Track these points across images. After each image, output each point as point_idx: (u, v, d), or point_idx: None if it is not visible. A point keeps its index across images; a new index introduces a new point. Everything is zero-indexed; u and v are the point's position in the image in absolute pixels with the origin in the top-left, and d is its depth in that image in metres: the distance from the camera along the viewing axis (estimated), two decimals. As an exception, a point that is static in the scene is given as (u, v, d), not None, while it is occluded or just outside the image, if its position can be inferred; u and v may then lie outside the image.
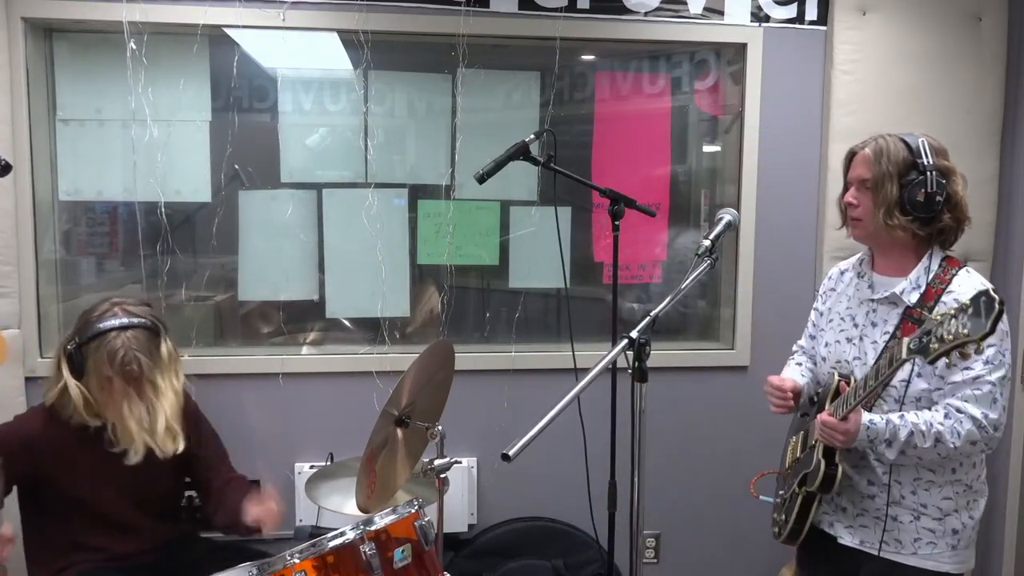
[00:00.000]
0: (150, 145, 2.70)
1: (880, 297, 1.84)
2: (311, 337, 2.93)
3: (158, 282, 2.75)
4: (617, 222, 2.25)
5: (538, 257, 2.92)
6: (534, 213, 2.92)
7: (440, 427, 1.97)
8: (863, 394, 1.68)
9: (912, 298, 1.78)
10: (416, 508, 1.88)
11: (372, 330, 2.89)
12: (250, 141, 2.79)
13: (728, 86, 3.00)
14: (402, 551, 1.79)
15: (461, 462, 2.73)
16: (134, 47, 2.64)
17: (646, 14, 2.81)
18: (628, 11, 2.80)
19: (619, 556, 2.30)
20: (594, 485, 2.41)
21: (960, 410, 1.70)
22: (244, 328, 2.91)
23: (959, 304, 1.45)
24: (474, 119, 2.85)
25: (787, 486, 1.97)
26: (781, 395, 1.94)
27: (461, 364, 2.28)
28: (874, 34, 2.83)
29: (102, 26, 2.62)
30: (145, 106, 2.68)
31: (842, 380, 1.85)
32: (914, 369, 1.74)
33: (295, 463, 2.80)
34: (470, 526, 2.88)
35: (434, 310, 2.94)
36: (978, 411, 1.69)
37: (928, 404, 1.77)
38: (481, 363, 2.85)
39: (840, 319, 1.95)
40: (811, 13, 2.88)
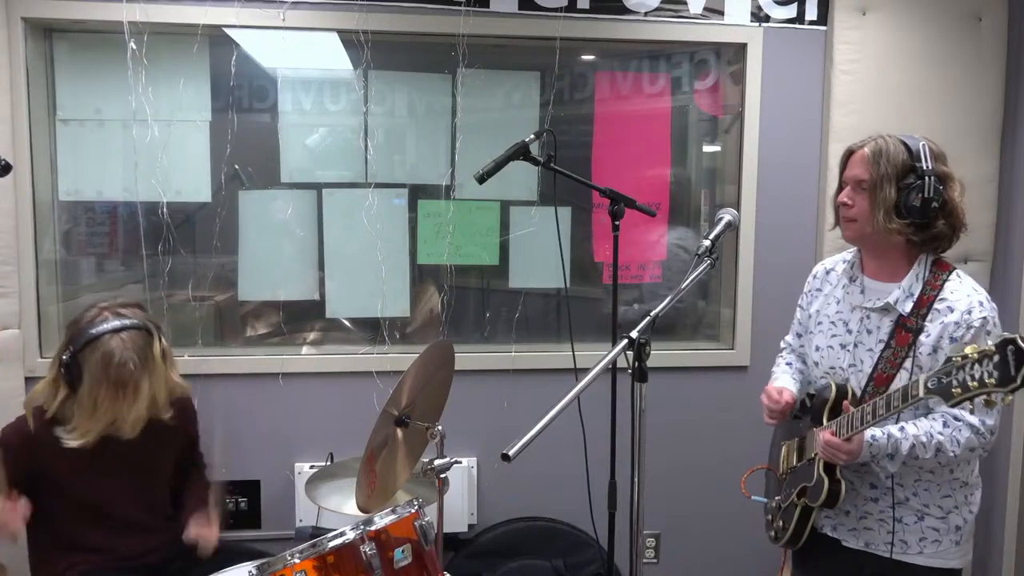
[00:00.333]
0: (150, 145, 2.70)
1: (874, 307, 1.84)
2: (311, 337, 2.93)
3: (158, 282, 2.75)
4: (617, 222, 2.25)
5: (538, 257, 2.92)
6: (534, 213, 2.92)
7: (440, 427, 1.97)
8: (871, 420, 1.66)
9: (906, 307, 1.78)
10: (416, 508, 1.87)
11: (372, 330, 2.89)
12: (250, 141, 2.79)
13: (728, 86, 2.99)
14: (402, 551, 1.79)
15: (461, 462, 2.73)
16: (134, 47, 2.64)
17: (646, 14, 2.81)
18: (628, 11, 2.80)
19: (619, 556, 2.30)
20: (594, 485, 2.41)
21: (958, 418, 1.71)
22: (244, 328, 2.91)
23: (983, 349, 1.43)
24: (474, 119, 2.85)
25: (784, 493, 1.98)
26: (780, 410, 1.94)
27: (461, 364, 2.28)
28: (874, 34, 2.83)
29: (102, 26, 2.62)
30: (145, 106, 2.68)
31: (840, 392, 1.83)
32: (912, 377, 1.74)
33: (295, 463, 2.80)
34: (470, 526, 2.88)
35: (434, 310, 2.94)
36: (976, 419, 1.70)
37: (925, 409, 1.77)
38: (481, 363, 2.85)
39: (831, 323, 1.94)
40: (811, 13, 2.88)
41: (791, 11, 2.87)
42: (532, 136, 2.26)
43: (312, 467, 2.73)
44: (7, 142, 2.53)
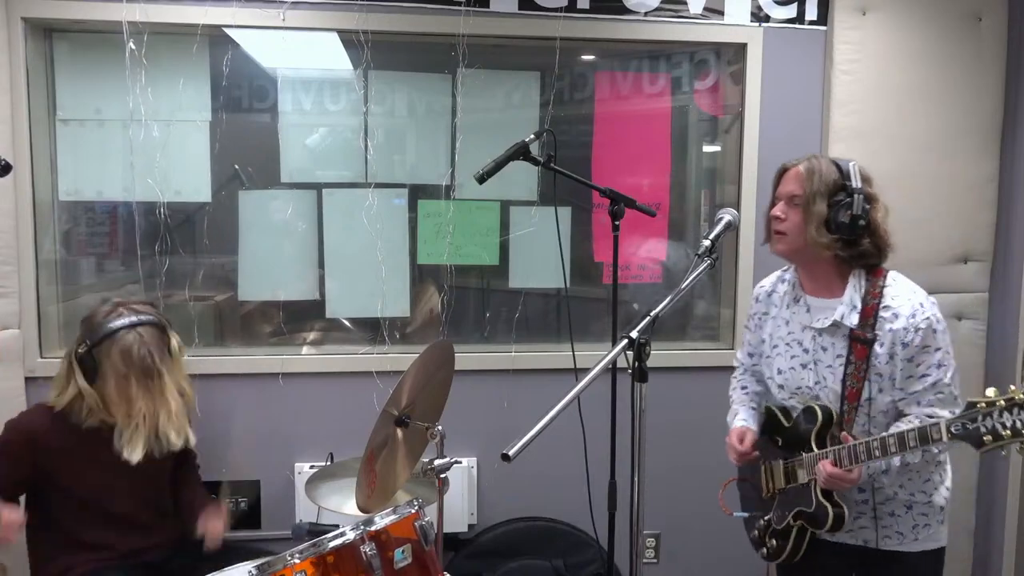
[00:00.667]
0: (150, 145, 2.70)
1: (822, 327, 1.89)
2: (311, 337, 2.93)
3: (157, 282, 2.75)
4: (617, 222, 2.25)
5: (538, 257, 2.92)
6: (534, 213, 2.92)
7: (440, 427, 1.97)
8: (879, 455, 1.72)
9: (853, 320, 1.84)
10: (416, 508, 1.87)
11: (372, 330, 2.89)
12: (250, 141, 2.80)
13: (728, 86, 2.99)
14: (402, 551, 1.79)
15: (461, 462, 2.73)
16: (134, 47, 2.64)
17: (646, 14, 2.81)
18: (628, 11, 2.80)
19: (619, 556, 2.30)
20: (594, 485, 2.41)
21: (931, 416, 1.78)
22: (244, 328, 2.91)
23: (1011, 398, 1.50)
24: (474, 119, 2.84)
25: (776, 515, 1.99)
26: (745, 457, 1.99)
27: (461, 364, 2.28)
28: (874, 34, 2.83)
29: (102, 26, 2.62)
30: (145, 106, 2.68)
31: (826, 415, 1.85)
32: (874, 386, 1.82)
33: (295, 463, 2.80)
34: (470, 526, 2.88)
35: (434, 310, 2.94)
36: (946, 412, 1.77)
37: (895, 414, 1.85)
38: (481, 363, 2.85)
39: (786, 345, 1.98)
40: (811, 13, 2.88)
41: (791, 11, 2.87)
42: (532, 136, 2.26)
43: (312, 467, 2.73)
44: (7, 142, 2.53)
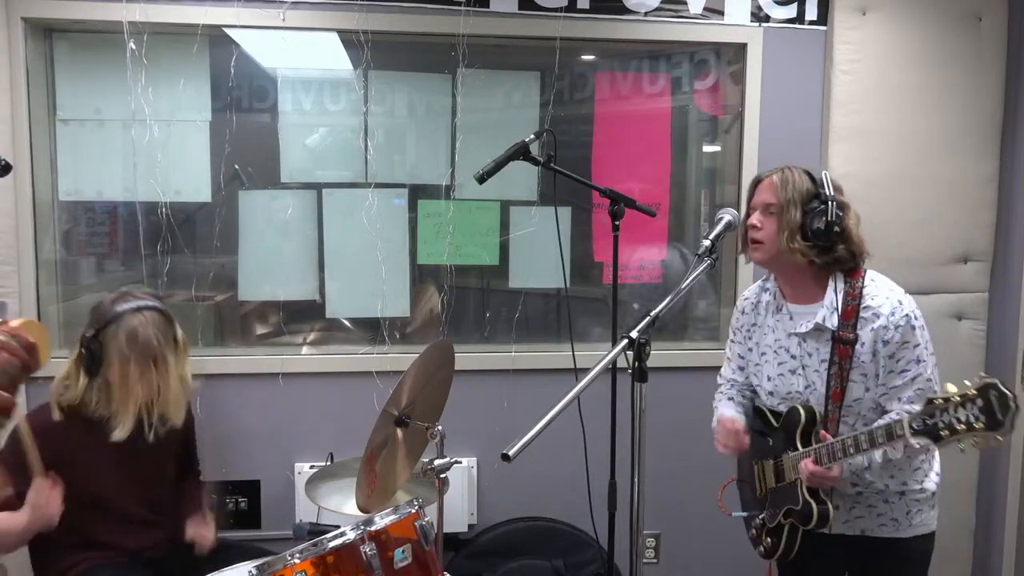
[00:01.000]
0: (150, 145, 2.71)
1: (804, 331, 1.92)
2: (311, 337, 2.93)
3: (158, 282, 2.75)
4: (617, 222, 2.25)
5: (538, 257, 2.92)
6: (534, 213, 2.92)
7: (440, 427, 1.97)
8: (853, 453, 1.75)
9: (833, 322, 1.87)
10: (416, 508, 1.87)
11: (372, 330, 2.89)
12: (250, 141, 2.79)
13: (728, 86, 2.99)
14: (402, 551, 1.79)
15: (461, 462, 2.73)
16: (134, 47, 2.64)
17: (646, 14, 2.81)
18: (628, 11, 2.80)
19: (619, 556, 2.30)
20: (594, 485, 2.41)
21: (909, 412, 1.78)
22: (244, 328, 2.91)
23: (963, 393, 1.53)
24: (474, 119, 2.85)
25: (769, 513, 2.02)
26: (735, 431, 2.02)
27: (461, 364, 2.28)
28: (874, 34, 2.83)
29: (102, 26, 2.62)
30: (145, 106, 2.68)
31: (808, 414, 1.89)
32: (859, 385, 1.86)
33: (295, 463, 2.80)
34: (470, 526, 2.88)
35: (434, 310, 2.94)
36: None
37: (880, 410, 1.88)
38: (481, 363, 2.85)
39: (774, 352, 2.01)
40: (811, 13, 2.88)
41: (791, 11, 2.87)
42: (532, 136, 2.26)
43: (312, 467, 2.73)
44: (7, 142, 2.53)
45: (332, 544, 1.72)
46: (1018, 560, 2.89)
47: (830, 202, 1.84)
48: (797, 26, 2.88)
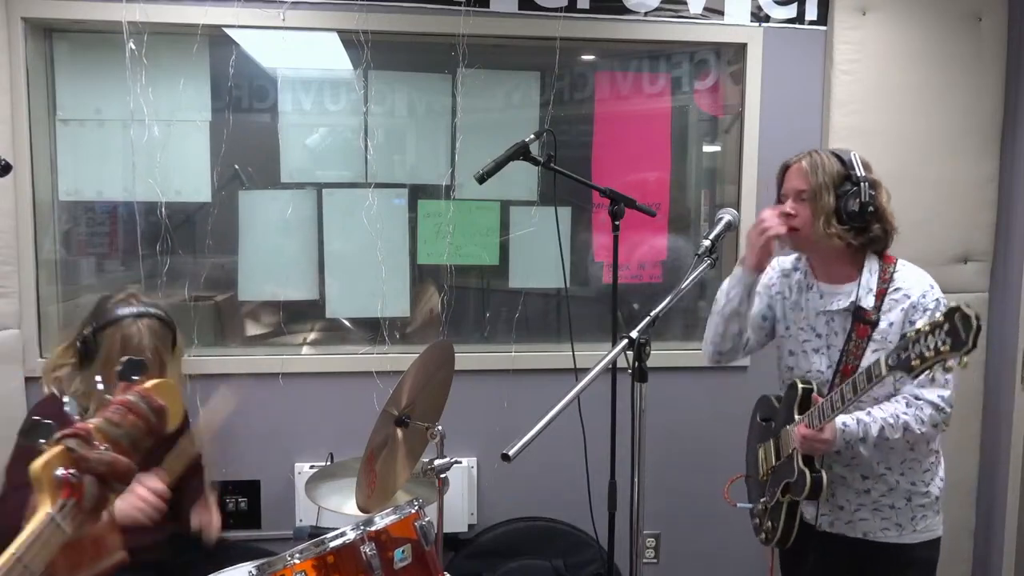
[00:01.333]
0: (150, 145, 2.70)
1: (837, 309, 1.92)
2: (311, 337, 2.93)
3: (158, 282, 2.75)
4: (617, 222, 2.25)
5: (538, 257, 2.92)
6: (534, 213, 2.92)
7: (440, 427, 1.97)
8: (841, 407, 1.75)
9: (869, 302, 1.87)
10: (416, 508, 1.87)
11: (372, 330, 2.89)
12: (250, 141, 2.79)
13: (728, 86, 2.99)
14: (402, 551, 1.79)
15: (461, 462, 2.72)
16: (134, 47, 2.64)
17: (646, 14, 2.81)
18: (628, 11, 2.80)
19: (619, 556, 2.30)
20: (594, 485, 2.41)
21: (919, 397, 1.82)
22: (244, 328, 2.91)
23: (932, 321, 1.53)
24: (474, 119, 2.84)
25: (769, 493, 2.03)
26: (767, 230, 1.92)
27: (461, 364, 2.28)
28: (874, 34, 2.83)
29: (102, 26, 2.62)
30: (145, 106, 2.68)
31: (806, 388, 1.91)
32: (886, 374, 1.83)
33: (295, 463, 2.80)
34: (470, 526, 2.88)
35: (434, 310, 2.94)
36: (934, 395, 1.81)
37: (889, 394, 1.87)
38: (481, 363, 2.85)
39: (799, 328, 2.01)
40: (811, 13, 2.88)
41: (791, 11, 2.87)
42: (532, 136, 2.26)
43: (312, 467, 2.73)
44: (7, 142, 2.52)
45: (332, 544, 1.72)
46: (1018, 560, 2.89)
47: (862, 183, 1.83)
48: (797, 26, 2.88)
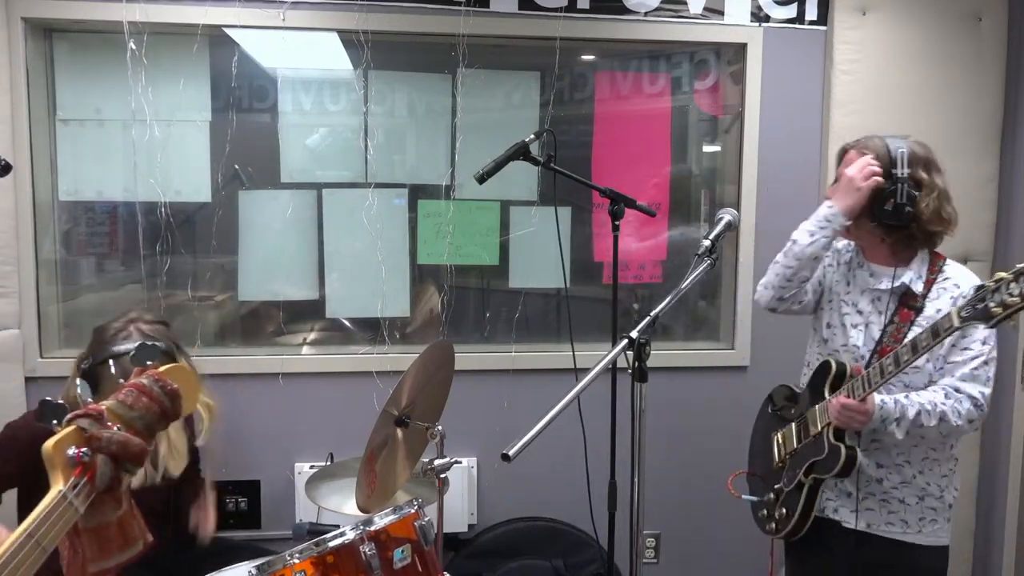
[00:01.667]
0: (150, 145, 2.71)
1: (886, 288, 1.89)
2: (311, 337, 2.93)
3: (158, 282, 2.75)
4: (617, 222, 2.25)
5: (538, 257, 2.92)
6: (534, 213, 2.92)
7: (440, 427, 1.97)
8: (894, 370, 1.71)
9: (919, 287, 1.86)
10: (416, 508, 1.87)
11: (372, 330, 2.89)
12: (250, 141, 2.79)
13: (728, 86, 2.99)
14: (402, 551, 1.79)
15: (461, 462, 2.73)
16: (134, 47, 2.64)
17: (646, 14, 2.81)
18: (628, 11, 2.80)
19: (619, 556, 2.30)
20: (594, 485, 2.41)
21: (959, 390, 1.79)
22: (244, 328, 2.91)
23: (1017, 268, 1.49)
24: (474, 119, 2.85)
25: (787, 477, 1.99)
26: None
27: (461, 364, 2.28)
28: (874, 34, 2.83)
29: (102, 26, 2.62)
30: (145, 106, 2.68)
31: (840, 366, 1.88)
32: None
33: (295, 463, 2.80)
34: (470, 526, 2.88)
35: (434, 310, 2.94)
36: (975, 390, 1.79)
37: (926, 386, 1.84)
38: (481, 363, 2.85)
39: (841, 301, 1.99)
40: (811, 13, 2.88)
41: (791, 11, 2.87)
42: (532, 136, 2.26)
43: (312, 467, 2.73)
44: (7, 142, 2.53)
45: (332, 544, 1.72)
46: (1018, 560, 2.89)
47: (901, 184, 1.80)
48: (797, 26, 2.88)
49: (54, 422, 1.09)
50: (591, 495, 2.42)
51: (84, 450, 1.07)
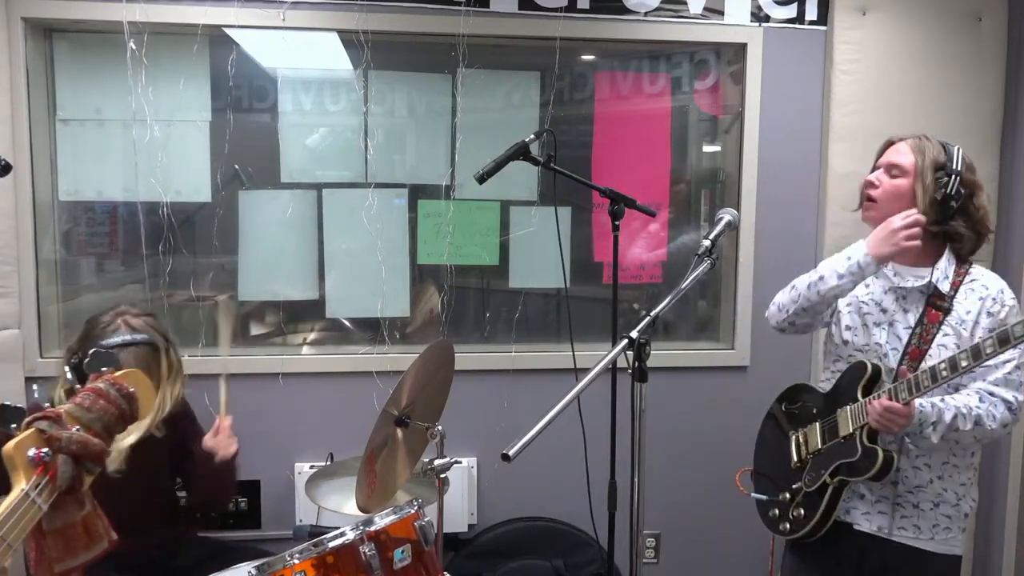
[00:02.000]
0: (150, 145, 2.70)
1: (912, 286, 1.89)
2: (311, 337, 2.93)
3: (158, 282, 2.75)
4: (617, 222, 2.25)
5: (538, 257, 2.92)
6: (534, 213, 2.92)
7: (440, 427, 1.97)
8: (949, 375, 1.69)
9: (944, 286, 1.85)
10: (416, 508, 1.87)
11: (372, 330, 2.89)
12: (250, 141, 2.79)
13: (728, 86, 2.99)
14: (402, 551, 1.79)
15: (461, 462, 2.72)
16: (134, 47, 2.64)
17: (646, 14, 2.81)
18: (628, 11, 2.80)
19: (619, 556, 2.30)
20: (594, 485, 2.41)
21: (992, 393, 1.78)
22: (244, 328, 2.91)
23: None
24: (474, 119, 2.85)
25: (809, 479, 1.94)
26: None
27: (461, 364, 2.28)
28: (874, 34, 2.83)
29: (102, 26, 2.62)
30: (145, 106, 2.68)
31: (875, 369, 1.85)
32: (942, 350, 1.80)
33: (295, 463, 2.80)
34: (470, 526, 2.88)
35: (434, 310, 2.94)
36: (1009, 394, 1.77)
37: (954, 389, 1.82)
38: (481, 363, 2.85)
39: (861, 302, 1.97)
40: (811, 13, 2.88)
41: (791, 11, 2.87)
42: (532, 136, 2.25)
43: (312, 467, 2.73)
44: (7, 142, 2.53)
45: (332, 544, 1.72)
46: (1018, 560, 2.89)
47: (953, 176, 1.82)
48: (797, 26, 2.88)
49: (12, 426, 1.13)
50: (591, 495, 2.42)
51: (45, 451, 1.11)
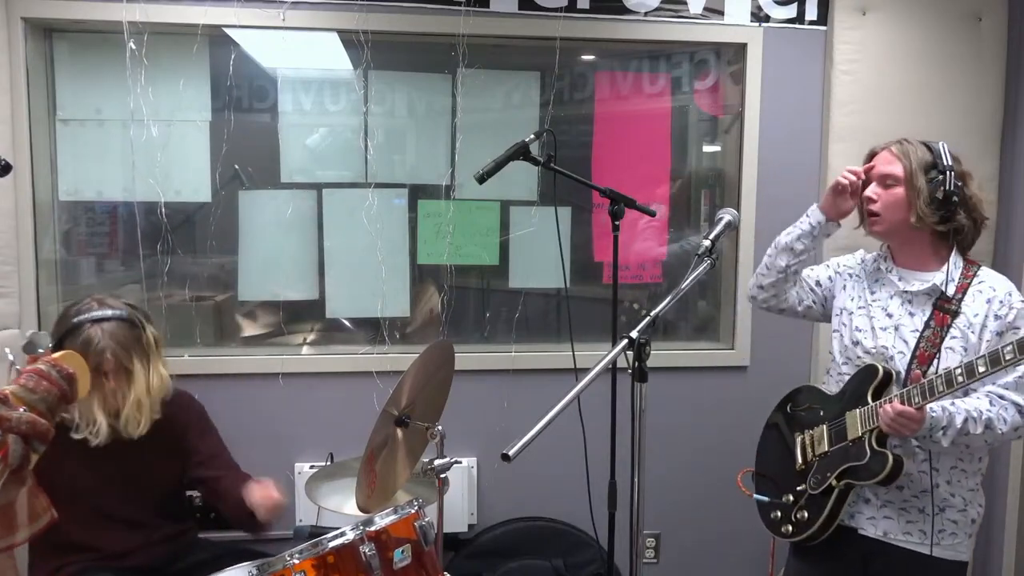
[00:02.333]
0: (150, 145, 2.71)
1: (918, 290, 1.88)
2: (311, 337, 2.93)
3: (158, 282, 2.75)
4: (617, 222, 2.25)
5: (538, 257, 2.92)
6: (534, 213, 2.92)
7: (440, 427, 1.97)
8: (964, 381, 1.67)
9: (950, 289, 1.84)
10: (416, 508, 1.88)
11: (372, 330, 2.89)
12: (250, 141, 2.79)
13: (728, 86, 2.99)
14: (402, 551, 1.79)
15: (461, 462, 2.72)
16: (134, 47, 2.64)
17: (646, 14, 2.81)
18: (628, 11, 2.80)
19: (619, 556, 2.30)
20: (594, 485, 2.41)
21: (1003, 397, 1.77)
22: (244, 328, 2.91)
23: None
24: (474, 119, 2.85)
25: (814, 482, 1.93)
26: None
27: (461, 364, 2.28)
28: (874, 34, 2.83)
29: (102, 26, 2.62)
30: (145, 106, 2.68)
31: (886, 373, 1.85)
32: (950, 353, 1.80)
33: (295, 463, 2.80)
34: (470, 526, 2.88)
35: (434, 310, 2.94)
36: (1020, 398, 1.76)
37: (964, 392, 1.79)
38: (481, 363, 2.85)
39: (868, 305, 1.96)
40: (811, 13, 2.88)
41: (791, 11, 2.87)
42: (532, 136, 2.25)
43: (312, 467, 2.73)
44: (7, 142, 2.52)
45: (332, 544, 1.72)
46: (1018, 560, 2.89)
47: (948, 172, 1.82)
48: (797, 26, 2.88)
49: None
50: (591, 495, 2.42)
51: None
